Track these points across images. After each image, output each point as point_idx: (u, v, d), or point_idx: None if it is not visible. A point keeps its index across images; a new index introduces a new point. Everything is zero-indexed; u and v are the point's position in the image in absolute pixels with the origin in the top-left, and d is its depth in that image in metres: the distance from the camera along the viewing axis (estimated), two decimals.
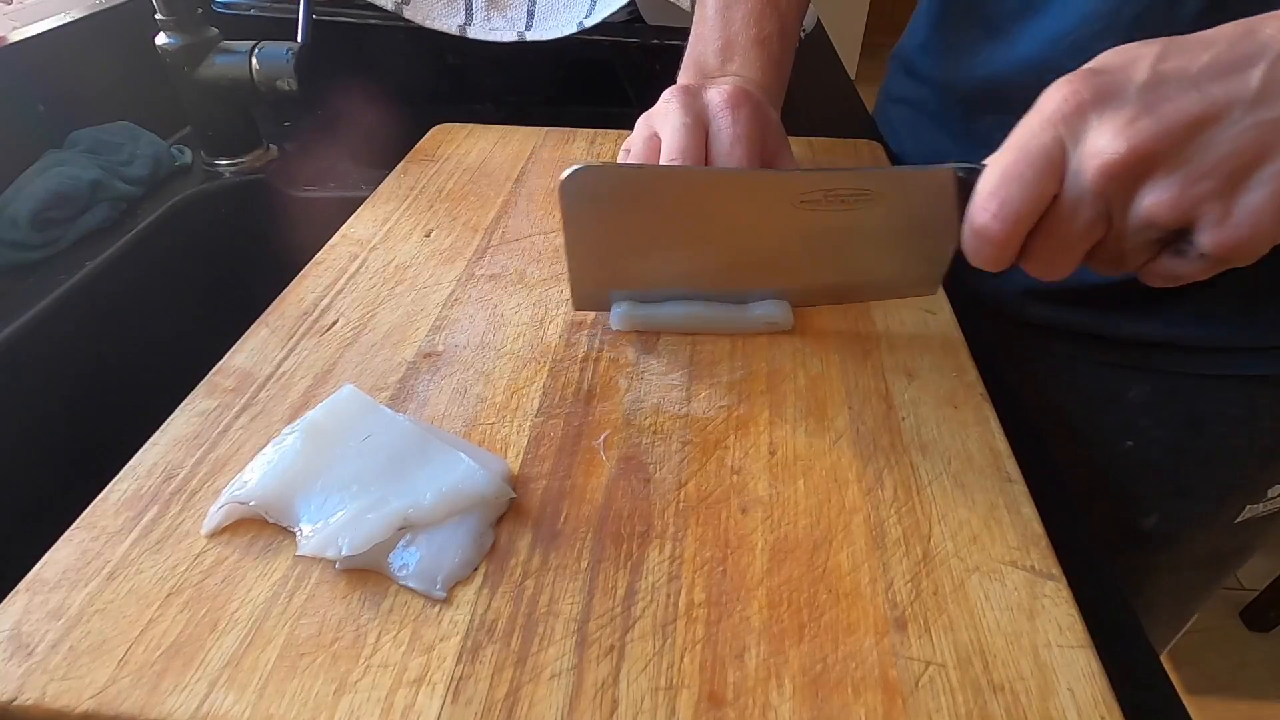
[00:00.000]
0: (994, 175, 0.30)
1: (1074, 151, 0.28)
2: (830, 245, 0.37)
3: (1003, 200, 0.29)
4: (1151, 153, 0.27)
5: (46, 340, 0.47)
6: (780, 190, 0.35)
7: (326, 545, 0.28)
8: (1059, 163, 0.29)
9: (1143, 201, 0.28)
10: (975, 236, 0.31)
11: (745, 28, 0.47)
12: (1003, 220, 0.30)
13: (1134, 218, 0.29)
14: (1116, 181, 0.28)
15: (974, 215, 0.31)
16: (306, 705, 0.24)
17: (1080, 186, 0.28)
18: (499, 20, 0.69)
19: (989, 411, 0.36)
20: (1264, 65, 0.26)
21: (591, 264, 0.38)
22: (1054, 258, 0.31)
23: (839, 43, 0.92)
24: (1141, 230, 0.29)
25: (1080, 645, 0.27)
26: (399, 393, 0.36)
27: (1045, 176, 0.29)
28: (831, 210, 0.35)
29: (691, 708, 0.24)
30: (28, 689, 0.24)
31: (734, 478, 0.32)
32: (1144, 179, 0.28)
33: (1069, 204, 0.29)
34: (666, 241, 0.37)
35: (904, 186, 0.35)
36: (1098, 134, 0.28)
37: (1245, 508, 0.54)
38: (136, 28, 0.60)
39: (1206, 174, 0.27)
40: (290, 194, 0.61)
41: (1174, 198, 0.27)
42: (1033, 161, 0.29)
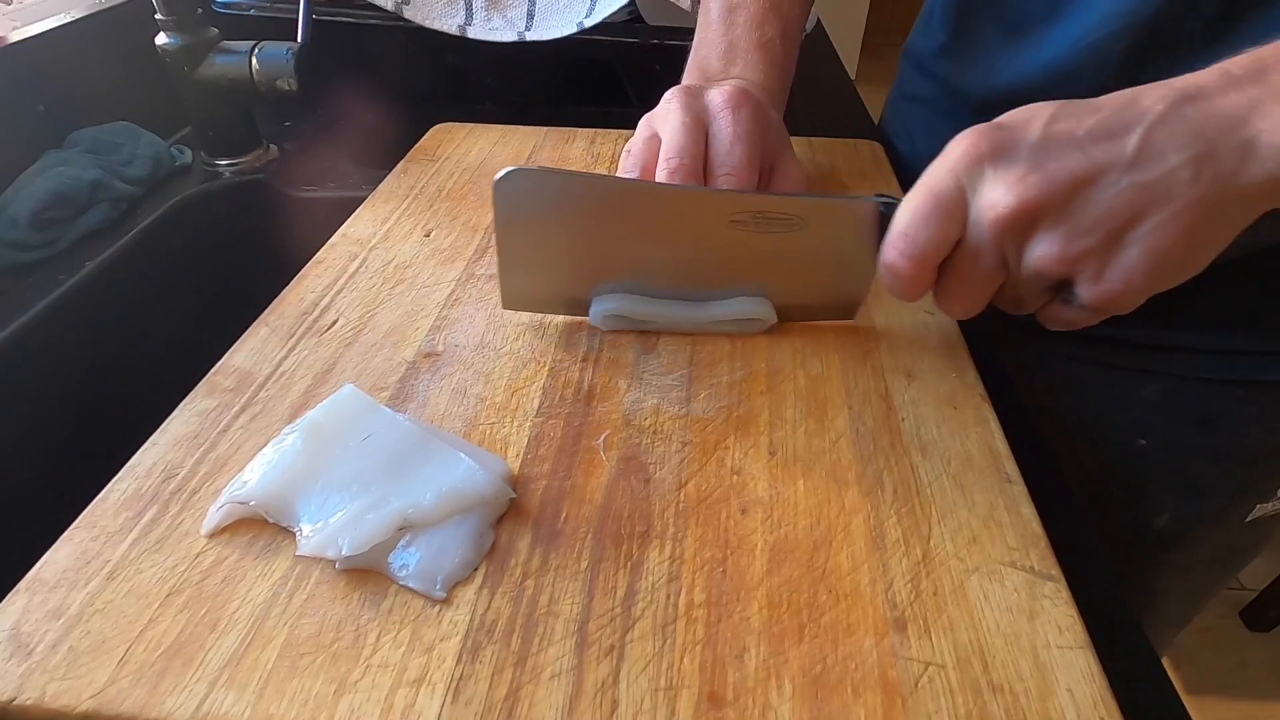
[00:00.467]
0: (904, 215, 0.32)
1: (973, 200, 0.30)
2: (758, 265, 0.38)
3: (910, 239, 0.32)
4: (1037, 207, 0.29)
5: (46, 340, 0.47)
6: (712, 208, 0.36)
7: (326, 545, 0.28)
8: (961, 208, 0.31)
9: (1032, 253, 0.30)
10: (886, 271, 0.33)
11: (748, 31, 0.48)
12: (909, 259, 0.32)
13: (1025, 267, 0.31)
14: (1008, 232, 0.30)
15: (885, 251, 0.33)
16: (306, 705, 0.24)
17: (979, 234, 0.31)
18: (499, 20, 0.69)
19: (989, 412, 0.36)
20: (1140, 131, 0.28)
21: (522, 265, 0.38)
22: (961, 296, 0.33)
23: (839, 43, 0.92)
24: (1033, 279, 0.31)
25: (1080, 646, 0.27)
26: (399, 393, 0.36)
27: (949, 220, 0.31)
28: (760, 232, 0.37)
29: (691, 708, 0.24)
30: (28, 689, 0.24)
31: (734, 478, 0.32)
32: (1032, 231, 0.30)
33: (970, 249, 0.31)
34: (598, 249, 0.38)
35: (829, 216, 0.37)
36: (992, 186, 0.30)
37: (1256, 506, 0.54)
38: (136, 28, 0.60)
39: (1087, 231, 0.29)
40: (290, 194, 0.61)
41: (1058, 252, 0.29)
42: (938, 205, 0.31)
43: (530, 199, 0.36)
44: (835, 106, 0.75)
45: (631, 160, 0.41)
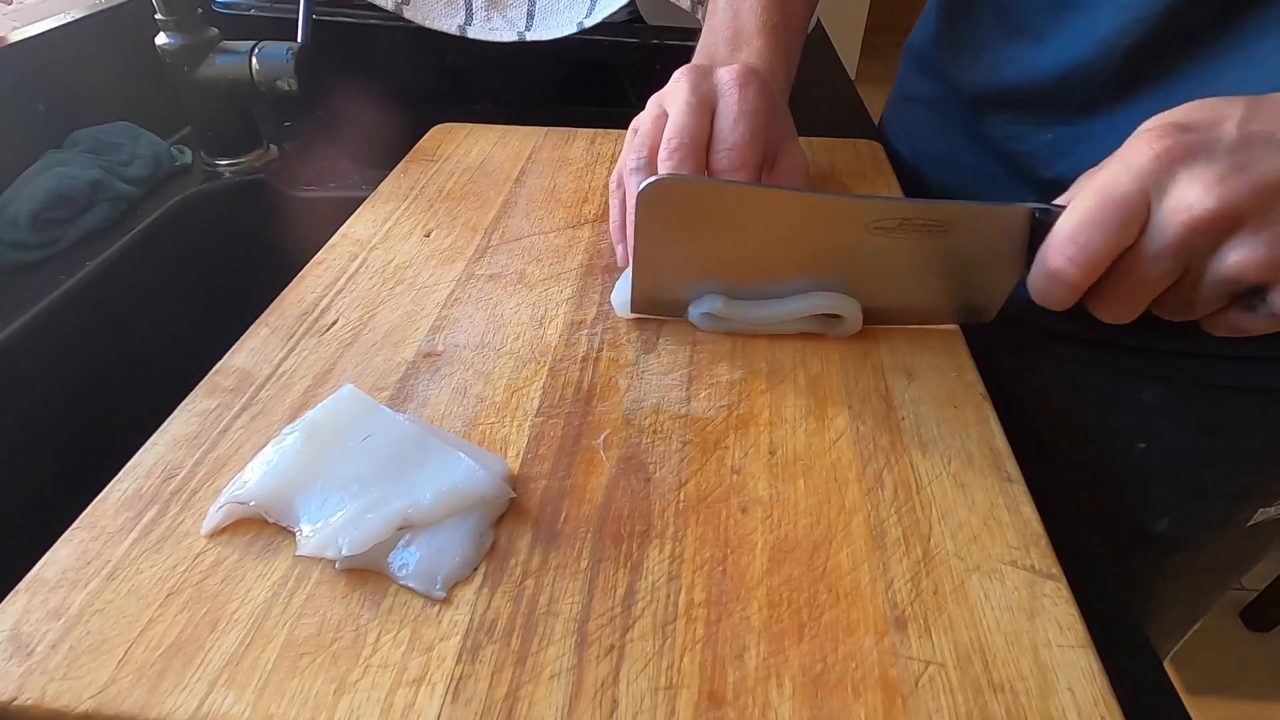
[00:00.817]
0: (1074, 220, 0.30)
1: (1158, 204, 0.29)
2: (898, 270, 0.38)
3: (1081, 245, 0.30)
4: (1241, 211, 0.27)
5: (46, 340, 0.47)
6: (855, 215, 0.36)
7: (326, 545, 0.28)
8: (1141, 213, 0.29)
9: (1228, 258, 0.28)
10: (1048, 278, 0.31)
11: (753, 16, 0.48)
12: (1079, 265, 0.30)
13: (1215, 273, 0.29)
14: (1202, 236, 0.28)
15: (1050, 258, 0.31)
16: (306, 705, 0.24)
17: (1162, 238, 0.29)
18: (499, 20, 0.69)
19: (989, 411, 0.36)
20: None
21: (657, 273, 0.38)
22: (1123, 303, 0.31)
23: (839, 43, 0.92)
24: (1220, 285, 0.29)
25: (1080, 645, 0.27)
26: (399, 393, 0.36)
27: (1127, 226, 0.29)
28: (903, 237, 0.36)
29: (691, 708, 0.24)
30: (28, 689, 0.24)
31: (734, 477, 0.32)
32: (1228, 236, 0.28)
33: (1148, 255, 0.29)
34: (735, 256, 0.38)
35: (977, 221, 0.35)
36: (1187, 188, 0.28)
37: (1258, 511, 0.54)
38: (136, 28, 0.60)
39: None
40: (290, 194, 0.61)
41: (1262, 257, 0.28)
42: (1117, 210, 0.29)
43: (674, 207, 0.36)
44: (835, 106, 0.75)
45: (639, 139, 0.41)
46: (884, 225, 0.35)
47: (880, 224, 0.35)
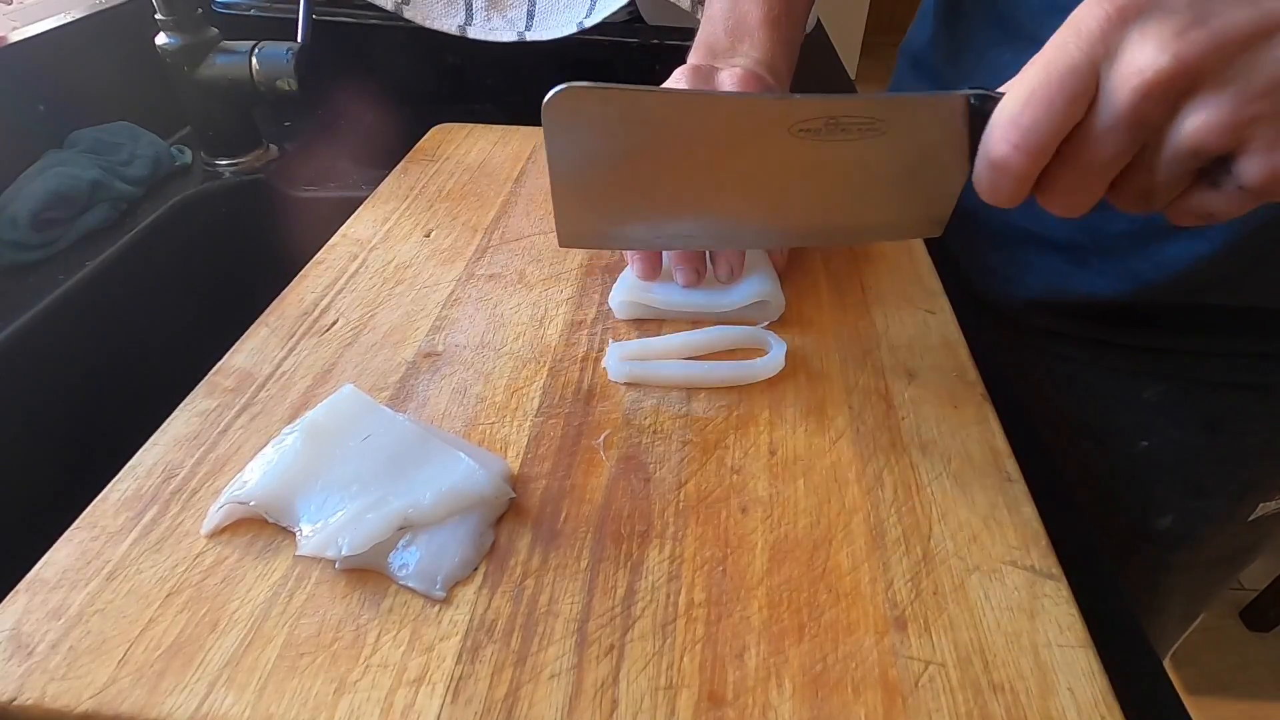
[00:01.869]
0: (1017, 101, 0.27)
1: (1108, 70, 0.26)
2: (831, 179, 0.35)
3: (1025, 129, 0.27)
4: (1199, 69, 0.24)
5: (46, 340, 0.47)
6: (777, 115, 0.32)
7: (326, 545, 0.28)
8: (1090, 84, 0.26)
9: (1186, 123, 0.25)
10: (992, 169, 0.28)
11: (754, 8, 0.48)
12: (1024, 150, 0.27)
13: (1174, 143, 0.26)
14: (1155, 101, 0.25)
15: (992, 146, 0.28)
16: (306, 705, 0.24)
17: (1113, 109, 0.26)
18: (499, 20, 0.69)
19: (989, 411, 0.36)
20: None
21: (578, 197, 0.35)
22: (1075, 192, 0.28)
23: (839, 43, 0.92)
24: (1181, 158, 0.26)
25: (1080, 645, 0.27)
26: (399, 393, 0.36)
27: (1075, 101, 0.26)
28: (832, 140, 0.33)
29: (691, 707, 0.24)
30: (28, 689, 0.24)
31: (734, 477, 0.32)
32: (1187, 98, 0.25)
33: (1098, 130, 0.26)
34: (656, 170, 0.35)
35: (910, 115, 0.32)
36: (1139, 48, 0.25)
37: (1259, 505, 0.54)
38: (136, 28, 0.60)
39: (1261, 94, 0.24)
40: (290, 194, 0.61)
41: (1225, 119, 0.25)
42: (1062, 84, 0.26)
43: (583, 120, 0.33)
44: None
45: None
46: (810, 127, 0.32)
47: (805, 125, 0.32)
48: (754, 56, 0.46)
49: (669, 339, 0.39)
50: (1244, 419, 0.49)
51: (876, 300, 0.43)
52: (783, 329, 0.40)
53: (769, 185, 0.35)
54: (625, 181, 0.35)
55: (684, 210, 0.36)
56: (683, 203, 0.36)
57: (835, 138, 0.33)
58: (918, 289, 0.44)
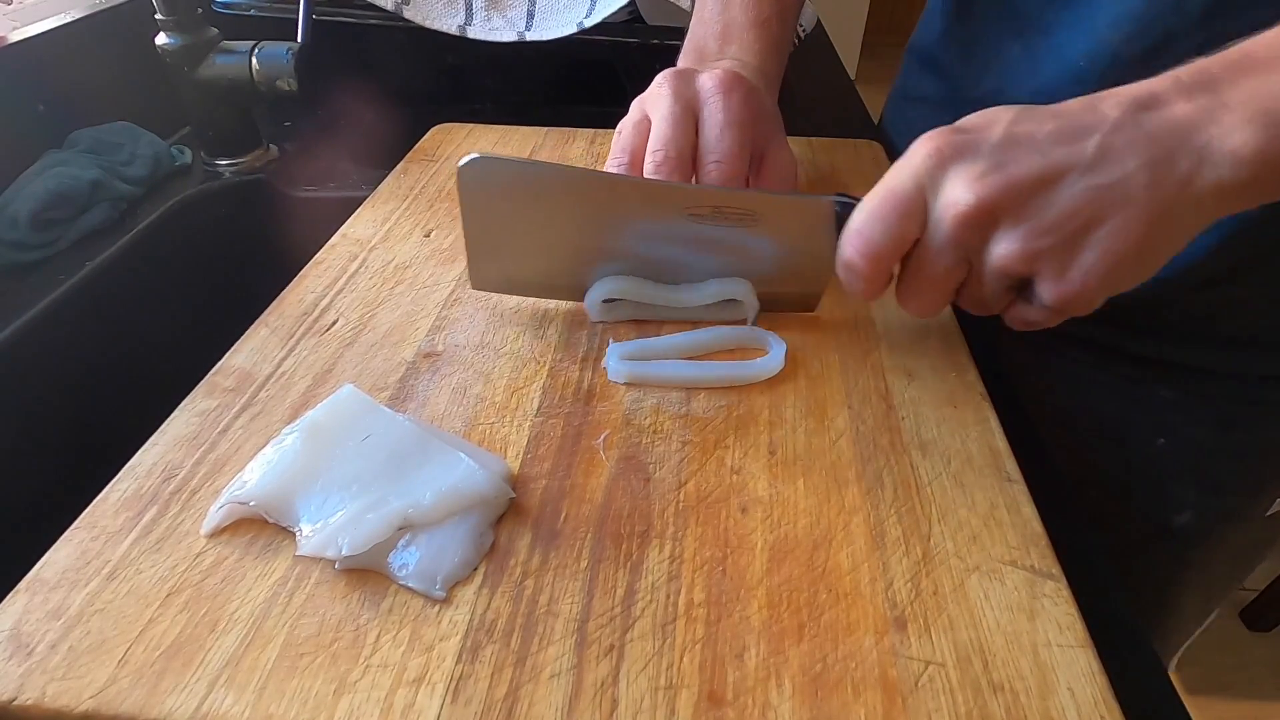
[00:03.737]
0: (860, 215, 0.33)
1: (933, 201, 0.31)
2: (716, 256, 0.39)
3: (865, 238, 0.32)
4: (996, 205, 0.29)
5: (46, 340, 0.47)
6: (668, 201, 0.37)
7: (326, 545, 0.28)
8: (920, 208, 0.31)
9: (993, 251, 0.31)
10: (843, 269, 0.34)
11: (744, 10, 0.48)
12: (864, 256, 0.32)
13: (988, 266, 0.31)
14: (968, 230, 0.30)
15: (842, 248, 0.33)
16: (306, 705, 0.24)
17: (938, 233, 0.31)
18: (499, 20, 0.69)
19: (989, 411, 0.36)
20: (1099, 135, 0.29)
21: (488, 249, 0.39)
22: (920, 294, 0.34)
23: (839, 43, 0.92)
24: (995, 278, 0.31)
25: (1080, 645, 0.27)
26: (399, 393, 0.36)
27: (906, 220, 0.31)
28: (717, 225, 0.38)
29: (691, 707, 0.24)
30: (28, 689, 0.24)
31: (734, 477, 0.32)
32: (992, 229, 0.30)
33: (931, 248, 0.32)
34: (561, 235, 0.39)
35: (786, 213, 0.38)
36: (952, 186, 0.30)
37: (1275, 501, 0.54)
38: (136, 28, 0.60)
39: (1047, 230, 0.29)
40: (290, 194, 0.61)
41: (1019, 250, 0.30)
42: (896, 205, 0.31)
43: (493, 186, 0.37)
44: (835, 106, 0.75)
45: (621, 144, 0.41)
46: (699, 211, 0.37)
47: (694, 210, 0.37)
48: (741, 59, 0.46)
49: (669, 339, 0.39)
50: (1259, 415, 0.49)
51: (876, 300, 0.43)
52: (783, 329, 0.40)
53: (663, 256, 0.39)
54: (530, 243, 0.39)
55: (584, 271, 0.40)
56: (584, 266, 0.40)
57: (720, 223, 0.38)
58: None
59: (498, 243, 0.39)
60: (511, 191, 0.37)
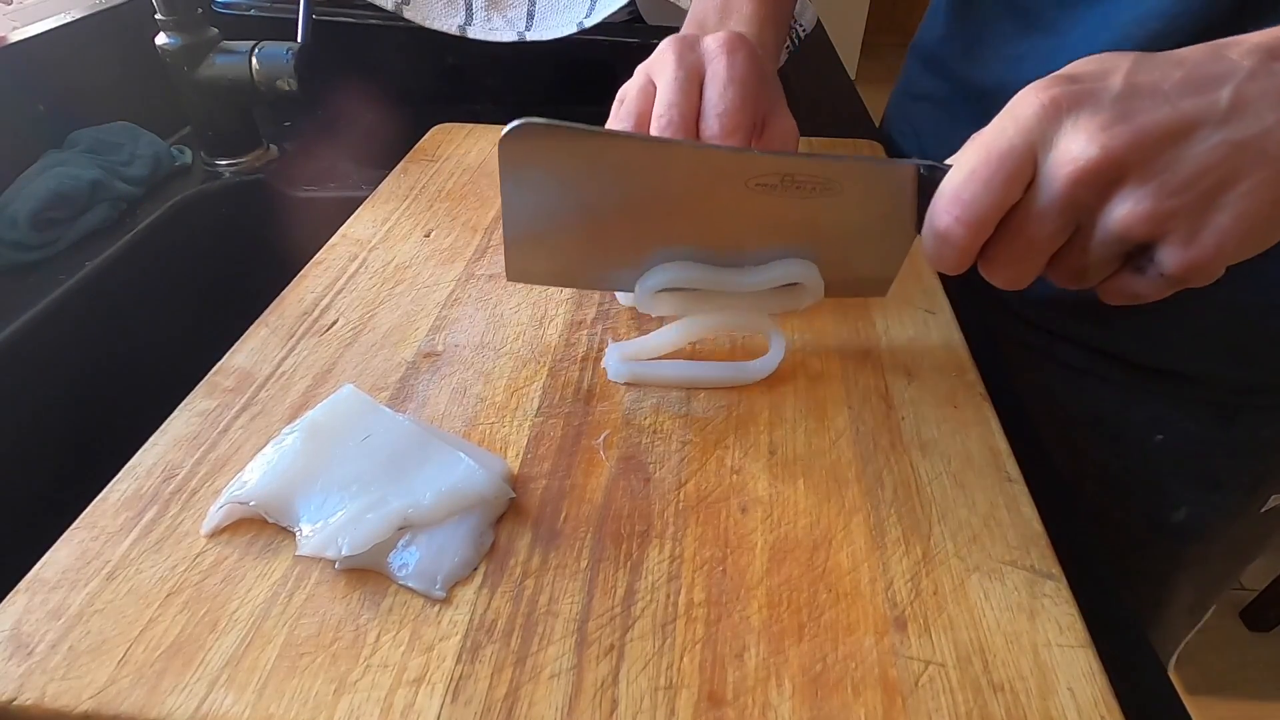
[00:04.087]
0: (959, 177, 0.29)
1: (1045, 157, 0.28)
2: (783, 233, 0.35)
3: (966, 203, 0.29)
4: (1123, 160, 0.27)
5: (46, 340, 0.47)
6: (734, 169, 0.33)
7: (326, 545, 0.28)
8: (1027, 167, 0.28)
9: (1114, 212, 0.27)
10: (936, 239, 0.30)
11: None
12: (965, 224, 0.29)
13: (1104, 228, 0.28)
14: (1087, 188, 0.27)
15: (936, 217, 0.30)
16: (306, 705, 0.24)
17: (1049, 193, 0.28)
18: (499, 20, 0.69)
19: (989, 411, 0.36)
20: (1232, 85, 0.26)
21: (530, 233, 0.35)
22: (1015, 265, 0.30)
23: (839, 43, 0.92)
24: (1110, 243, 0.28)
25: (1080, 645, 0.27)
26: (399, 392, 0.36)
27: (1013, 181, 0.28)
28: (786, 197, 0.34)
29: (691, 707, 0.24)
30: (27, 689, 0.24)
31: (734, 477, 0.32)
32: (1116, 188, 0.27)
33: (1035, 211, 0.28)
34: (614, 212, 0.34)
35: (863, 179, 0.34)
36: (1071, 139, 0.27)
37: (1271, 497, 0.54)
38: (136, 28, 0.60)
39: (1179, 189, 0.26)
40: (290, 194, 0.61)
41: (1148, 210, 0.27)
42: (1001, 165, 0.28)
43: (540, 157, 0.32)
44: (835, 106, 0.75)
45: (625, 109, 0.39)
46: (766, 182, 0.33)
47: (762, 180, 0.33)
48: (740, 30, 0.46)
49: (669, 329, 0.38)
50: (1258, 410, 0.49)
51: (876, 300, 0.43)
52: (783, 329, 0.40)
53: (723, 236, 0.35)
54: (578, 222, 0.35)
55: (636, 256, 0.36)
56: (636, 249, 0.36)
57: (790, 195, 0.33)
58: (918, 289, 0.44)
59: (540, 225, 0.35)
60: (559, 163, 0.33)
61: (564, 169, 0.33)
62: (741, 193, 0.33)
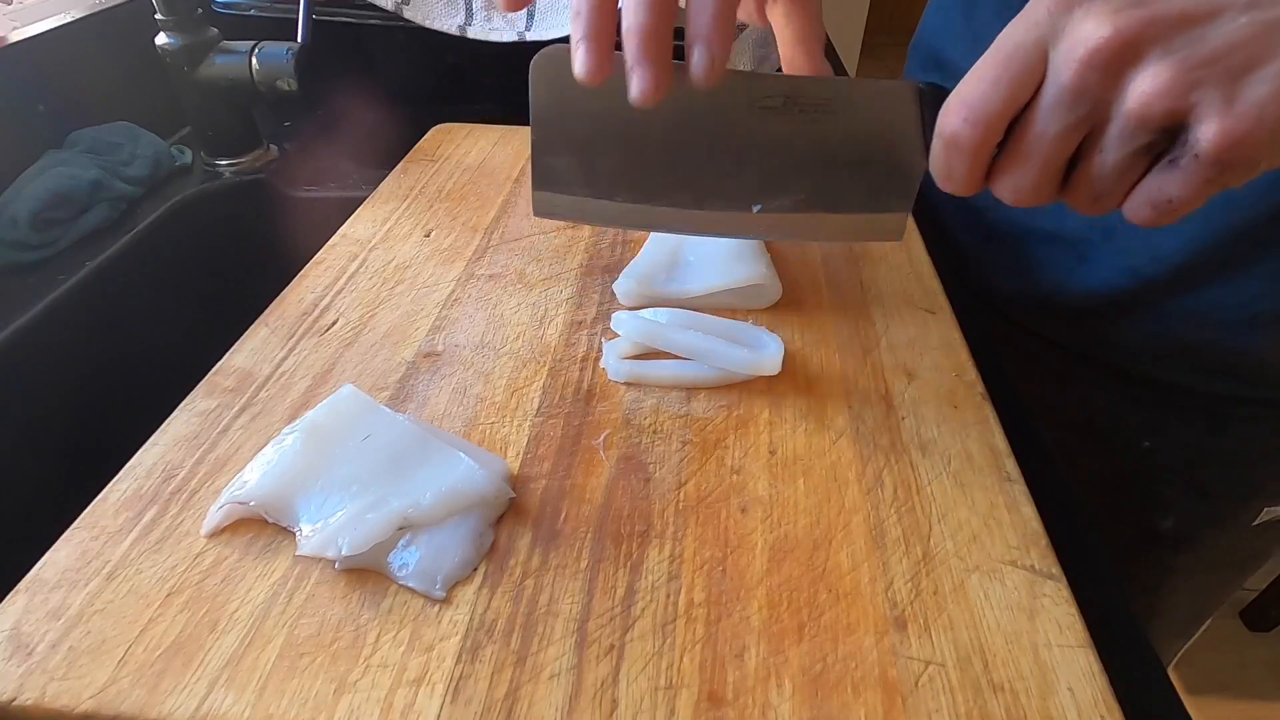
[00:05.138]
0: (969, 80, 0.28)
1: (1055, 49, 0.26)
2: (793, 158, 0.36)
3: (973, 104, 0.27)
4: (1139, 38, 0.25)
5: (46, 340, 0.47)
6: (739, 90, 0.34)
7: (326, 545, 0.28)
8: (1038, 64, 0.27)
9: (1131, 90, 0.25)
10: (945, 145, 0.29)
11: None
12: (973, 124, 0.28)
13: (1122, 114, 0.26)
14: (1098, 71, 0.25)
15: (945, 123, 0.29)
16: (306, 705, 0.24)
17: (1058, 82, 0.26)
18: (499, 20, 0.69)
19: (989, 411, 0.36)
20: None
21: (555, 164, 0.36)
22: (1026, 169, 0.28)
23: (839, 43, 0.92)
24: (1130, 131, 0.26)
25: (1080, 645, 0.27)
26: (399, 393, 0.36)
27: (1021, 78, 0.27)
28: (790, 119, 0.34)
29: (691, 707, 0.24)
30: (28, 689, 0.24)
31: (734, 477, 0.32)
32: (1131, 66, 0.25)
33: (1046, 105, 0.27)
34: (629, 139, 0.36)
35: (864, 97, 0.34)
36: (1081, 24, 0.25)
37: (1264, 510, 0.54)
38: (136, 28, 0.60)
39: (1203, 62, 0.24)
40: (290, 194, 0.61)
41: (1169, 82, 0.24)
42: (1009, 61, 0.27)
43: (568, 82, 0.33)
44: None
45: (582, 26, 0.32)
46: (769, 104, 0.34)
47: (765, 102, 0.34)
48: None
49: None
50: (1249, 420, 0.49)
51: (876, 300, 0.43)
52: (783, 329, 0.40)
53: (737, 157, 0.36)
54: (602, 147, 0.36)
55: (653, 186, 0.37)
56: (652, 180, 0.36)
57: (793, 114, 0.34)
58: (918, 289, 0.44)
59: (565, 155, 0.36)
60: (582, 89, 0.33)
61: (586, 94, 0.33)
62: (747, 114, 0.34)
